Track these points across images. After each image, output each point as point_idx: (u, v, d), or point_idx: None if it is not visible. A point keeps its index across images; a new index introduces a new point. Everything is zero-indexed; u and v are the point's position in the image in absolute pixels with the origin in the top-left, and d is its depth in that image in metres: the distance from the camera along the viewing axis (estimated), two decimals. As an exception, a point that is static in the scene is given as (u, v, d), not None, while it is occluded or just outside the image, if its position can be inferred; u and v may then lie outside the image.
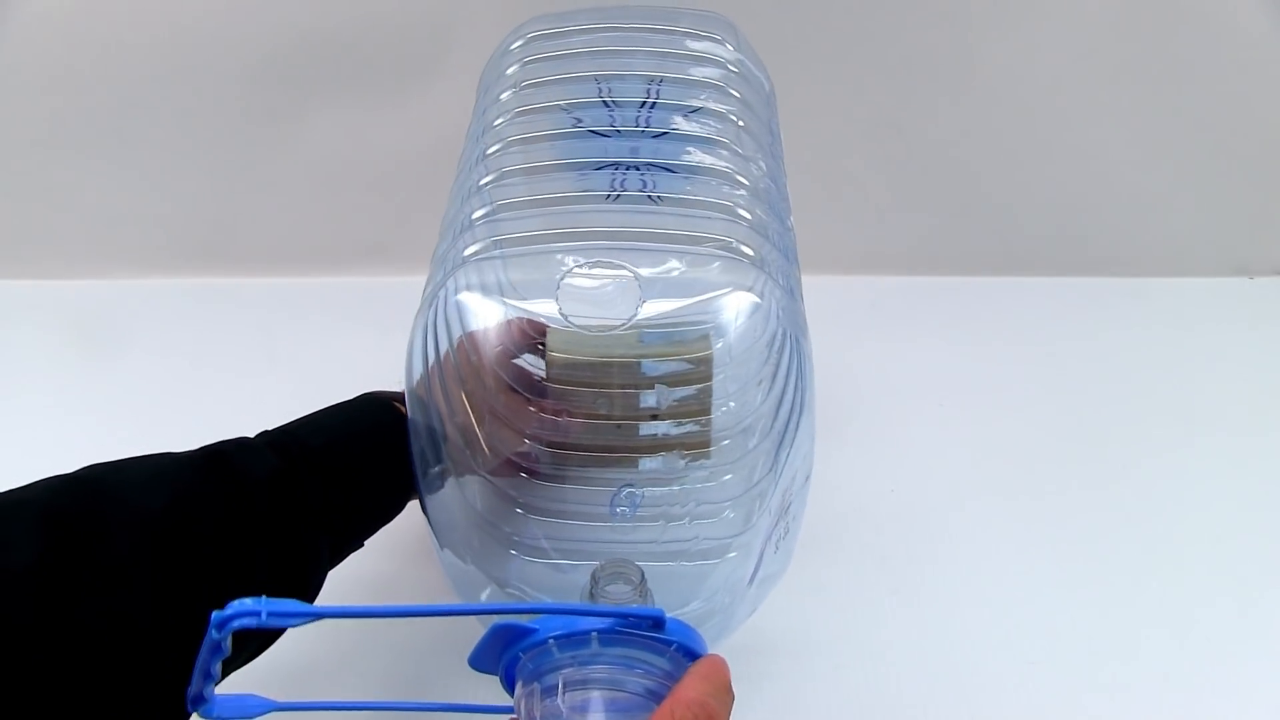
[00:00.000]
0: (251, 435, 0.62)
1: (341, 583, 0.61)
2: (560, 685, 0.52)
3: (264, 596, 0.47)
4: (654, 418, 0.68)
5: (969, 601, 0.80)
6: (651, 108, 0.68)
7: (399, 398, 0.69)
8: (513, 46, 0.71)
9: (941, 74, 1.10)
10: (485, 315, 0.62)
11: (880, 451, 0.92)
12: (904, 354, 1.09)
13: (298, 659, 0.71)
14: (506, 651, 0.53)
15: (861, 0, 1.05)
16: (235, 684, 0.52)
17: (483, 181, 0.62)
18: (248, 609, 0.47)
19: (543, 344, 0.68)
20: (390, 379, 1.07)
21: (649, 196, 0.65)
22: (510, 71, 0.68)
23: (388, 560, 0.80)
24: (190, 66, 1.09)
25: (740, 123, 0.66)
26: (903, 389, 1.04)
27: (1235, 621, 0.79)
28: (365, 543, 0.66)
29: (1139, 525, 0.88)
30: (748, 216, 0.60)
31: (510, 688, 0.54)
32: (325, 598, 0.56)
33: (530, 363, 0.69)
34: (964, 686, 0.74)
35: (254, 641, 0.55)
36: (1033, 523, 0.88)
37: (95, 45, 1.08)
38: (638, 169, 0.65)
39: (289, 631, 0.54)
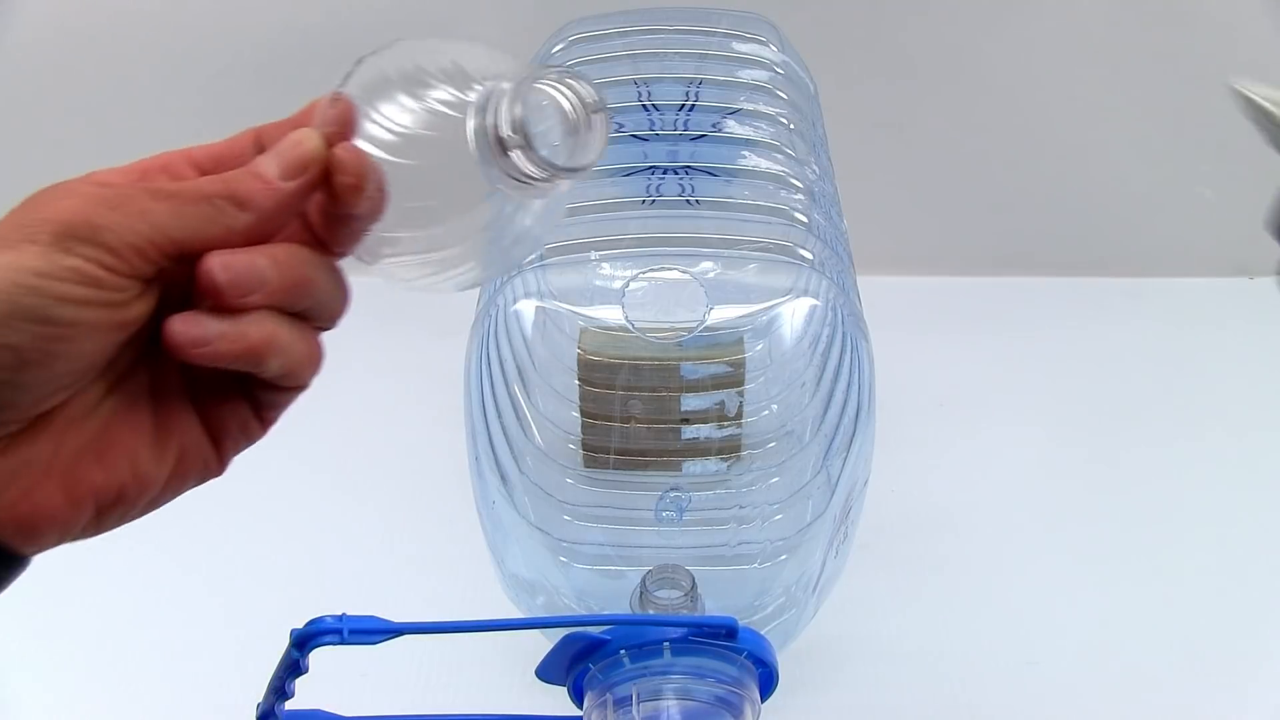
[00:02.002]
0: None
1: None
2: (634, 696, 0.52)
3: (345, 614, 0.47)
4: (685, 421, 0.68)
5: (969, 602, 0.81)
6: (690, 110, 0.68)
7: None
8: (554, 50, 0.71)
9: (942, 73, 1.10)
10: (541, 323, 0.62)
11: (880, 452, 0.92)
12: (904, 354, 1.09)
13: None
14: (576, 663, 0.53)
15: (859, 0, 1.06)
16: (303, 699, 0.51)
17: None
18: (329, 626, 0.46)
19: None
20: (389, 375, 1.07)
21: (687, 200, 0.64)
22: (553, 75, 0.68)
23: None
24: (190, 66, 1.08)
25: (790, 125, 0.66)
26: (903, 389, 1.04)
27: (1236, 621, 0.80)
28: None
29: (1139, 525, 0.88)
30: (804, 220, 0.60)
31: (579, 699, 0.54)
32: (393, 613, 0.55)
33: None
34: (964, 687, 0.74)
35: None
36: (1033, 523, 0.89)
37: (95, 45, 1.06)
38: (675, 173, 0.65)
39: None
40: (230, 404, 0.41)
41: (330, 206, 0.39)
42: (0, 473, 0.35)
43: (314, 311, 0.39)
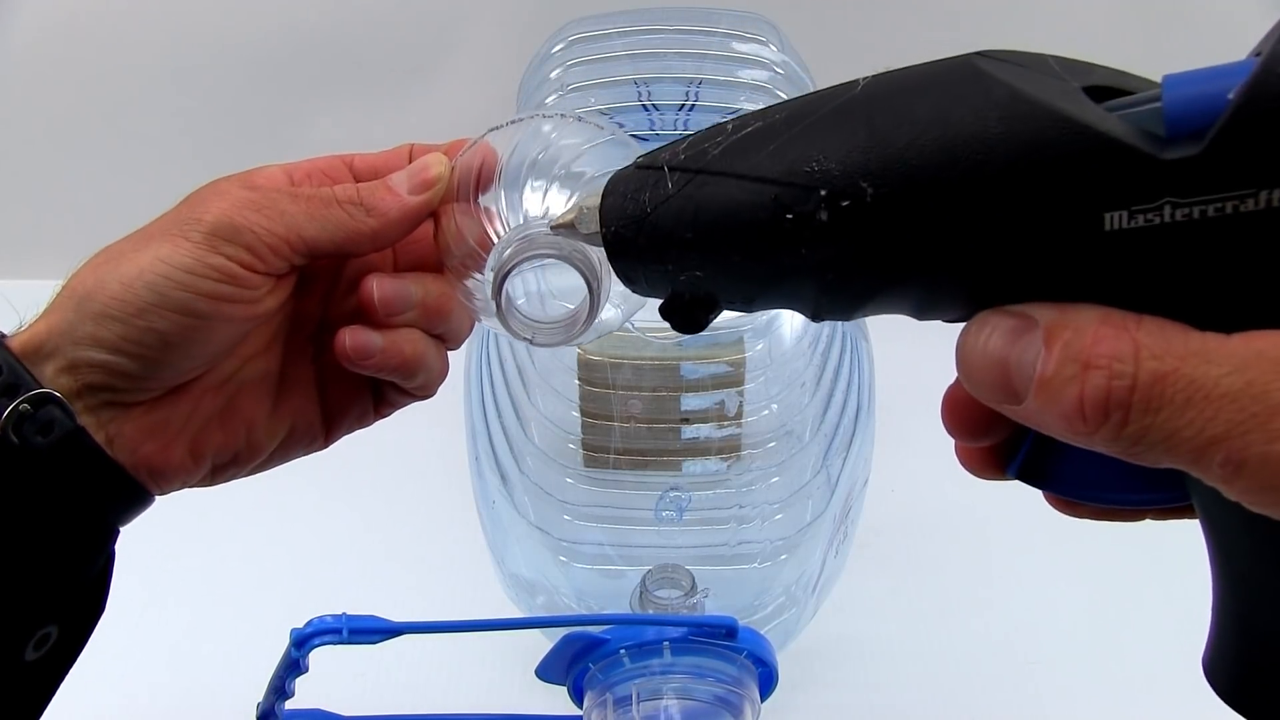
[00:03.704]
0: None
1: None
2: (634, 696, 0.52)
3: (345, 614, 0.47)
4: (685, 421, 0.68)
5: (969, 602, 0.80)
6: (690, 110, 0.68)
7: None
8: (554, 50, 0.71)
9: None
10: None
11: (880, 452, 0.92)
12: (904, 354, 1.08)
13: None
14: (576, 662, 0.53)
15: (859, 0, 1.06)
16: (303, 699, 0.51)
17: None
18: (329, 626, 0.47)
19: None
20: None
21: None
22: (553, 75, 0.68)
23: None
24: (190, 66, 1.08)
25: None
26: (903, 389, 1.04)
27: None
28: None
29: (1139, 524, 0.88)
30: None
31: (579, 699, 0.54)
32: (393, 613, 0.55)
33: None
34: (964, 687, 0.74)
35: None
36: (1032, 523, 0.88)
37: (95, 45, 1.06)
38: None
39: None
40: (356, 394, 0.46)
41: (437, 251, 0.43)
42: (142, 429, 0.40)
43: (448, 334, 0.44)
